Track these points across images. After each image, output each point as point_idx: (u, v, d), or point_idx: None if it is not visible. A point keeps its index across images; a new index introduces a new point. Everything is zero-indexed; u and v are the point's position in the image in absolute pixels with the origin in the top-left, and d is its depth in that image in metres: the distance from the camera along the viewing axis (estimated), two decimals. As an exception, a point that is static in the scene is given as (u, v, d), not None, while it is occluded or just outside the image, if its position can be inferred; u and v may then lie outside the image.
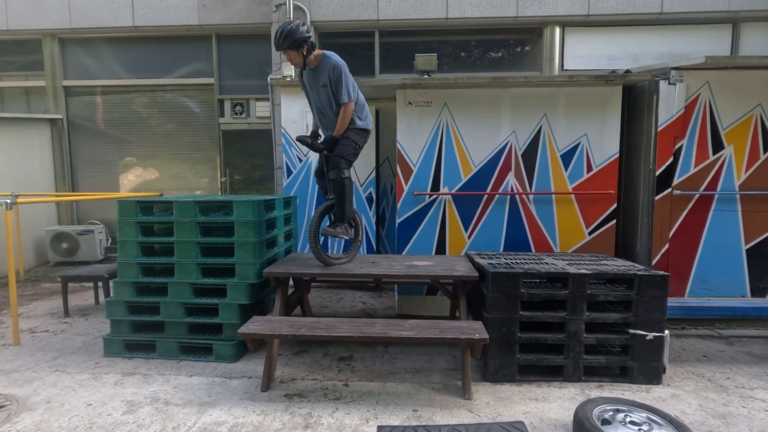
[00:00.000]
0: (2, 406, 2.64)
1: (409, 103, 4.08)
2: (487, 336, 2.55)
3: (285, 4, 6.25)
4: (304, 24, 3.11)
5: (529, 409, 2.59)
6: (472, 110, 4.07)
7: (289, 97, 5.33)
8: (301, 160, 5.40)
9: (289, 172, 5.42)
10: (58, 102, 6.95)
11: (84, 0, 6.59)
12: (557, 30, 6.34)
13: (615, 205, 4.07)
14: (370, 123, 3.45)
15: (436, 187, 4.13)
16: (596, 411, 2.24)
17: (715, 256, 3.95)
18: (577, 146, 4.05)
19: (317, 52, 3.22)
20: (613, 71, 4.50)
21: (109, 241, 6.96)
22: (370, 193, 5.16)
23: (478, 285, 3.12)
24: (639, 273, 2.90)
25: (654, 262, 3.97)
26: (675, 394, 2.81)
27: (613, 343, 2.96)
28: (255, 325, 2.71)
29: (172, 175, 7.06)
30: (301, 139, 3.29)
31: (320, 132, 3.54)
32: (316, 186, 5.36)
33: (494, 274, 2.90)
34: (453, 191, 4.12)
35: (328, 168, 3.32)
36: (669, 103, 3.86)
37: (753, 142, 3.90)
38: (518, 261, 3.32)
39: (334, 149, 3.26)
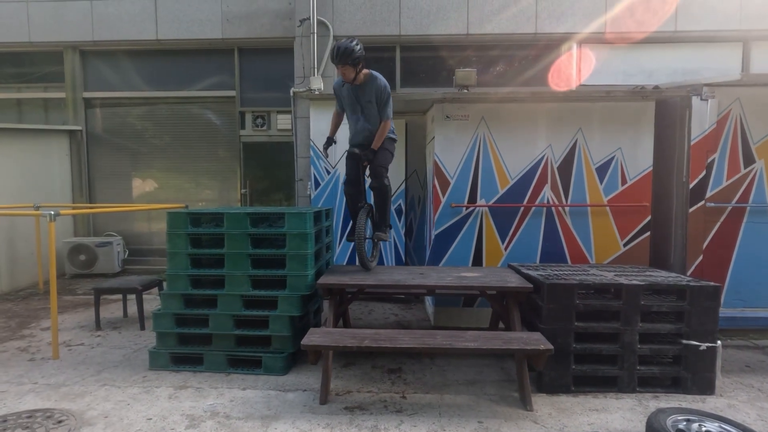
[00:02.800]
0: (60, 421, 2.59)
1: (447, 116, 4.15)
2: (551, 347, 2.57)
3: (309, 18, 6.36)
4: (360, 44, 3.26)
5: (592, 420, 2.60)
6: (508, 124, 4.14)
7: (318, 110, 5.39)
8: (329, 172, 5.43)
9: (317, 184, 5.46)
10: (77, 114, 6.94)
11: (108, 13, 6.64)
12: (575, 47, 6.50)
13: (650, 217, 4.14)
14: (395, 134, 3.79)
15: (473, 199, 4.18)
16: (669, 421, 2.26)
17: (748, 267, 4.02)
18: (611, 159, 4.13)
19: (366, 70, 3.44)
20: (642, 87, 4.62)
21: (127, 253, 6.90)
22: (399, 205, 5.20)
23: (531, 296, 3.14)
24: (690, 284, 2.95)
25: (688, 273, 4.03)
26: (731, 404, 2.83)
27: (666, 354, 2.99)
28: (317, 337, 2.71)
29: (193, 187, 7.05)
30: (353, 154, 3.51)
31: (335, 138, 3.82)
32: (344, 197, 5.39)
33: (550, 285, 2.93)
34: (490, 203, 4.17)
35: (371, 177, 3.57)
36: (701, 119, 3.97)
37: (782, 156, 4.01)
38: (566, 272, 3.36)
39: (373, 160, 3.53)
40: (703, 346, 2.93)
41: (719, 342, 2.96)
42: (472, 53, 6.67)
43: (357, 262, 3.58)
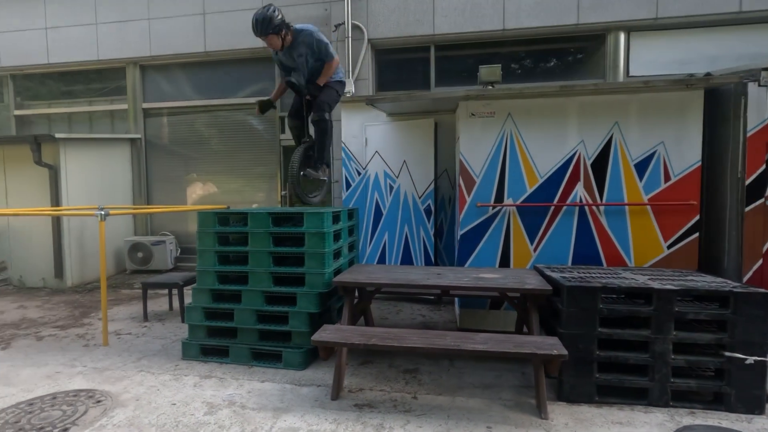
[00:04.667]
0: (99, 401, 2.85)
1: (472, 114, 4.06)
2: (566, 352, 2.43)
3: (344, 23, 6.50)
4: (277, 9, 3.32)
5: (613, 433, 2.43)
6: (537, 120, 3.97)
7: (350, 113, 5.50)
8: (359, 173, 5.51)
9: (348, 185, 5.55)
10: (137, 123, 7.59)
11: (163, 30, 7.20)
12: (622, 35, 6.09)
13: (698, 217, 3.78)
14: (344, 76, 3.97)
15: (500, 198, 4.05)
16: (695, 439, 2.06)
17: (820, 273, 3.55)
18: (653, 155, 3.82)
19: (291, 30, 3.52)
20: (691, 75, 4.24)
21: (179, 251, 7.41)
22: (429, 205, 5.15)
23: (551, 299, 2.99)
24: (735, 290, 2.66)
25: (745, 279, 3.63)
26: (783, 426, 2.52)
27: (705, 367, 2.72)
28: (327, 333, 2.77)
29: (237, 189, 7.44)
30: (289, 83, 3.59)
31: (274, 104, 3.97)
32: (374, 198, 5.45)
33: (570, 288, 2.78)
34: (518, 203, 4.02)
35: (313, 110, 3.71)
36: (759, 107, 3.57)
37: None
38: (594, 275, 3.16)
39: (318, 96, 3.65)
40: (750, 359, 2.63)
41: (770, 356, 2.64)
42: (509, 49, 6.47)
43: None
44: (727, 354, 2.66)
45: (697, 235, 3.79)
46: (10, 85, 8.11)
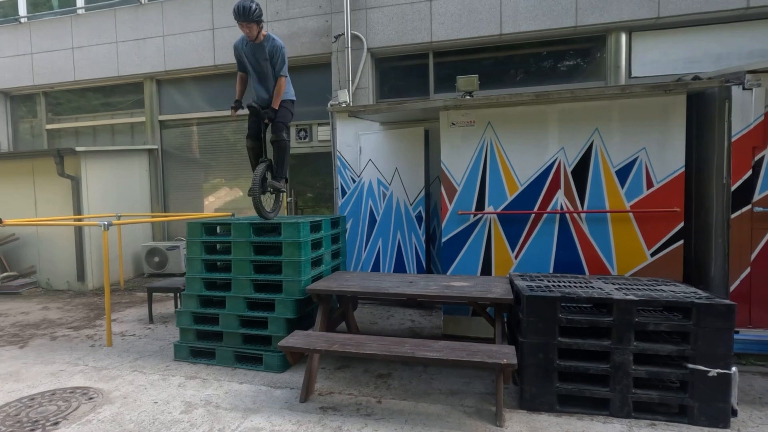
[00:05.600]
0: (91, 398, 3.11)
1: (453, 123, 4.13)
2: (515, 362, 2.48)
3: (343, 34, 6.67)
4: (256, 2, 3.66)
5: (563, 443, 2.46)
6: (517, 128, 4.00)
7: (344, 122, 5.65)
8: (354, 181, 5.65)
9: (344, 193, 5.71)
10: (154, 134, 8.03)
11: (175, 46, 7.60)
12: (623, 36, 5.97)
13: (682, 224, 3.70)
14: (293, 95, 4.19)
15: (480, 206, 4.10)
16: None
17: (813, 282, 3.41)
18: (634, 161, 3.78)
19: (264, 31, 3.86)
20: (679, 78, 4.14)
21: (193, 255, 7.78)
22: (420, 212, 5.23)
23: (515, 308, 3.03)
24: (697, 301, 2.63)
25: (732, 288, 3.54)
26: (744, 440, 2.47)
27: (668, 378, 2.69)
28: (294, 339, 2.92)
29: (247, 197, 7.74)
30: (253, 109, 3.90)
31: (242, 102, 4.13)
32: (369, 205, 5.57)
33: (529, 297, 2.81)
34: (498, 210, 4.05)
35: (272, 131, 4.00)
36: (745, 111, 3.48)
37: None
38: (561, 284, 3.17)
39: (275, 117, 3.94)
40: (713, 372, 2.59)
41: (734, 369, 2.60)
42: (507, 53, 6.46)
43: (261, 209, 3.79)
44: (690, 366, 2.63)
45: (681, 242, 3.71)
46: (42, 101, 8.76)
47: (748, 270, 3.52)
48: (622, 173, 3.81)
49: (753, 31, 5.62)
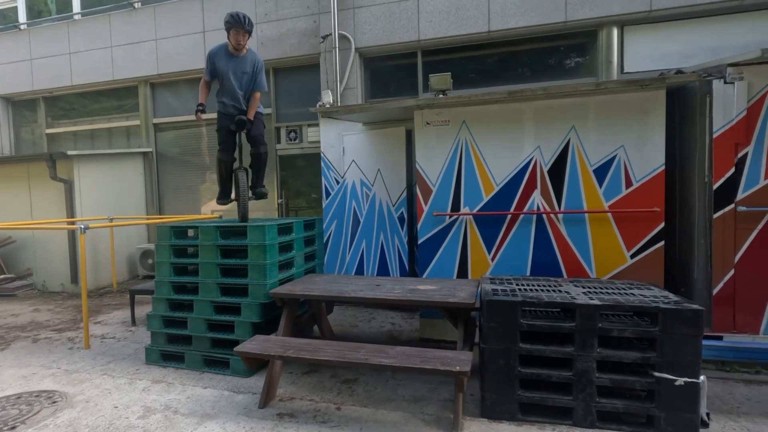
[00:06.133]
0: (54, 402, 3.12)
1: (427, 123, 4.04)
2: (467, 369, 2.39)
3: (331, 34, 6.63)
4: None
5: (518, 454, 2.36)
6: (492, 127, 3.90)
7: (328, 123, 5.60)
8: (338, 182, 5.60)
9: (327, 194, 5.66)
10: (149, 137, 8.10)
11: (168, 50, 7.65)
12: (615, 30, 5.80)
13: (663, 225, 3.55)
14: (263, 108, 4.31)
15: (456, 207, 4.00)
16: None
17: (802, 285, 3.24)
18: (612, 159, 3.64)
19: (247, 45, 3.94)
20: (661, 73, 3.99)
21: (186, 257, 7.82)
22: (402, 212, 5.15)
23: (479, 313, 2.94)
24: (663, 306, 2.50)
25: (716, 291, 3.39)
26: (711, 454, 2.34)
27: (633, 387, 2.57)
28: (251, 344, 2.87)
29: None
30: (240, 122, 3.95)
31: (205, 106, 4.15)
32: (352, 206, 5.51)
33: (489, 301, 2.72)
34: (474, 211, 3.95)
35: (255, 145, 4.12)
36: (727, 106, 3.32)
37: None
38: (529, 287, 3.06)
39: (252, 130, 4.03)
40: (680, 380, 2.47)
41: (703, 377, 2.46)
42: (496, 50, 6.33)
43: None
44: (657, 374, 2.50)
45: (662, 244, 3.56)
46: (42, 106, 8.91)
47: (732, 272, 3.36)
48: (600, 172, 3.68)
49: (750, 22, 5.40)
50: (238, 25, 3.72)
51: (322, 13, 6.79)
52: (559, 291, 2.93)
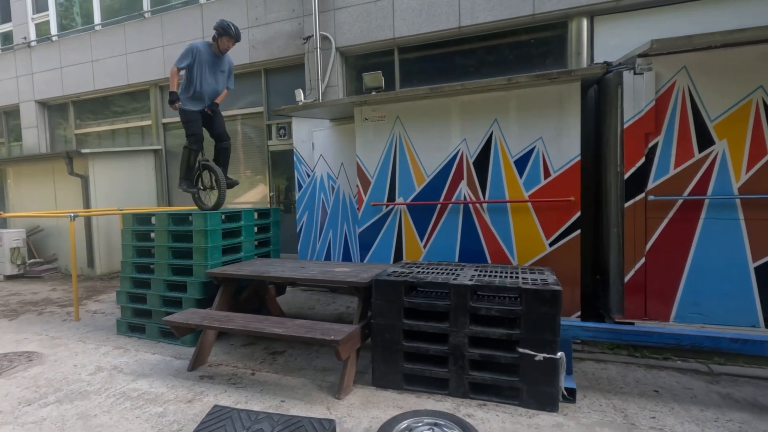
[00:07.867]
0: (31, 360, 3.71)
1: (365, 119, 4.32)
2: (339, 339, 2.69)
3: (313, 35, 6.99)
4: None
5: (380, 415, 2.64)
6: (422, 121, 4.12)
7: (299, 120, 5.99)
8: (309, 176, 5.98)
9: (300, 186, 6.05)
10: (159, 136, 8.85)
11: (173, 55, 8.29)
12: (584, 21, 5.77)
13: (579, 214, 3.66)
14: None
15: (392, 197, 4.27)
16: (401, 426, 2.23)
17: (711, 274, 3.28)
18: (531, 151, 3.78)
19: None
20: (594, 63, 4.03)
21: (191, 246, 8.50)
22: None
23: (377, 292, 3.21)
24: (523, 286, 2.68)
25: (627, 278, 3.47)
26: (559, 423, 2.52)
27: (500, 361, 2.77)
28: (178, 316, 3.31)
29: (233, 192, 8.32)
30: (212, 107, 4.58)
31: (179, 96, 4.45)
32: (321, 198, 5.87)
33: (377, 281, 2.99)
34: (407, 201, 4.20)
35: (223, 140, 4.76)
36: (636, 96, 3.39)
37: (755, 133, 3.16)
38: (427, 271, 3.29)
39: (220, 125, 4.69)
40: (540, 356, 2.65)
41: (561, 354, 2.63)
42: (468, 46, 6.45)
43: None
44: (520, 350, 2.69)
45: (578, 232, 3.67)
46: (71, 109, 9.91)
47: (643, 260, 3.43)
48: (521, 163, 3.82)
49: (728, 5, 5.22)
50: (234, 36, 4.32)
51: (305, 16, 7.17)
52: (453, 274, 3.15)
